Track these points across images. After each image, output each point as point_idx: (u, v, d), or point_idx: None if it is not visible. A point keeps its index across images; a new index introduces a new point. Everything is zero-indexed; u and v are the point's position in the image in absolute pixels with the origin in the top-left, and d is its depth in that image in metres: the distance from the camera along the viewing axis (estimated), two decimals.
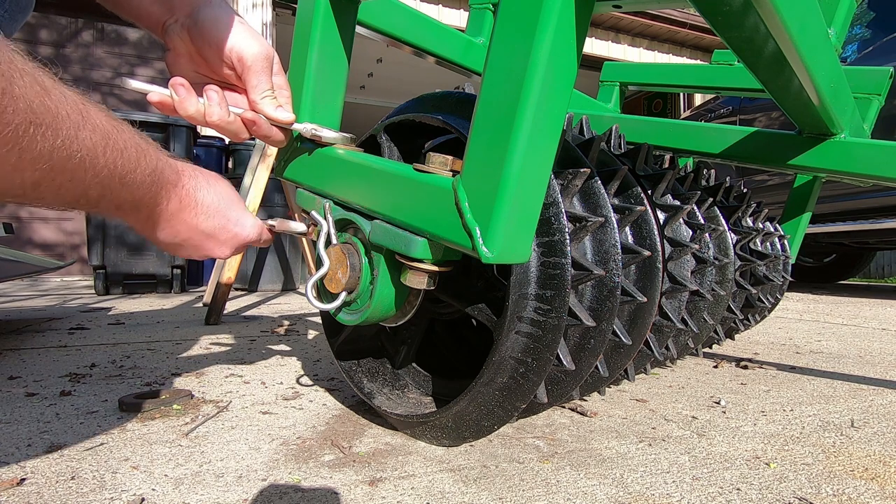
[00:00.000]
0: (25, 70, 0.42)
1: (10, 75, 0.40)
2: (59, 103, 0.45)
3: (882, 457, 0.70)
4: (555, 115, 0.50)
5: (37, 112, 0.43)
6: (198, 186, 0.65)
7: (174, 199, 0.62)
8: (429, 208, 0.56)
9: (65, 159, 0.47)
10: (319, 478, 0.63)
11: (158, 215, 0.62)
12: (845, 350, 1.50)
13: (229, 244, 0.69)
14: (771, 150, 1.06)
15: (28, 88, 0.42)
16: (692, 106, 6.73)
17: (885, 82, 1.13)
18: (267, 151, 2.08)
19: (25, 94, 0.41)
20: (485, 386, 0.65)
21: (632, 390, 1.04)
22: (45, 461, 0.67)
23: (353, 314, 0.69)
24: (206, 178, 0.67)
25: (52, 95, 0.45)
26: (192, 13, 0.67)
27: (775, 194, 3.37)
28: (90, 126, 0.49)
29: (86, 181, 0.50)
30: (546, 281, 0.61)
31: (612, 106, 1.54)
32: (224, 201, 0.67)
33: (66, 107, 0.46)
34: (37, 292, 3.44)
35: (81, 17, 4.73)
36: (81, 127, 0.48)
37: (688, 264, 0.95)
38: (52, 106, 0.44)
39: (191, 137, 3.50)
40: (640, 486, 0.61)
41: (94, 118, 0.50)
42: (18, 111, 0.41)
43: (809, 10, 0.63)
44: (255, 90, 0.69)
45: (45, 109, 0.43)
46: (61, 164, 0.47)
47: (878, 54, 2.86)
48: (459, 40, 1.16)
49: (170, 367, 1.20)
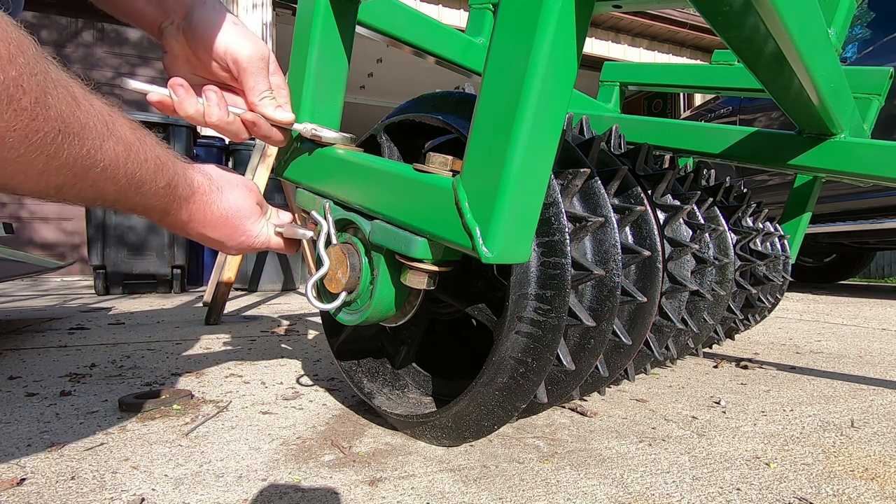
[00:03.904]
0: (59, 81, 0.44)
1: (45, 86, 0.41)
2: (87, 114, 0.47)
3: (882, 457, 0.70)
4: (555, 115, 0.50)
5: (66, 122, 0.44)
6: (209, 202, 0.67)
7: (184, 212, 0.65)
8: (429, 208, 0.56)
9: (88, 168, 0.49)
10: (319, 478, 0.63)
11: (170, 221, 0.65)
12: (845, 350, 1.50)
13: (235, 248, 0.73)
14: (771, 150, 1.06)
15: (60, 99, 0.43)
16: (692, 106, 6.72)
17: (885, 82, 1.13)
18: (267, 151, 2.08)
19: (57, 104, 0.43)
20: (485, 386, 0.65)
21: (632, 390, 1.04)
22: (45, 461, 0.67)
23: (353, 314, 0.69)
24: (221, 192, 0.68)
25: (81, 106, 0.46)
26: (186, 15, 0.66)
27: (775, 194, 3.37)
28: (115, 137, 0.51)
29: (105, 188, 0.52)
30: (546, 281, 0.61)
31: (612, 106, 1.54)
32: (234, 213, 0.69)
33: (93, 118, 0.48)
34: (37, 292, 3.44)
35: (82, 17, 4.73)
36: (106, 138, 0.50)
37: (688, 264, 0.95)
38: (81, 116, 0.46)
39: (191, 137, 3.50)
40: (640, 486, 0.61)
41: (119, 130, 0.52)
42: (49, 119, 0.42)
43: (809, 10, 0.63)
44: (253, 91, 0.69)
45: (74, 119, 0.45)
46: (84, 171, 0.49)
47: (878, 54, 2.86)
48: (459, 40, 1.16)
49: (170, 367, 1.20)
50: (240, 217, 0.70)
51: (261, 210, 0.74)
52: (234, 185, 0.71)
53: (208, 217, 0.67)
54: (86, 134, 0.47)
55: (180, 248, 3.37)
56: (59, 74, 0.45)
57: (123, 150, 0.52)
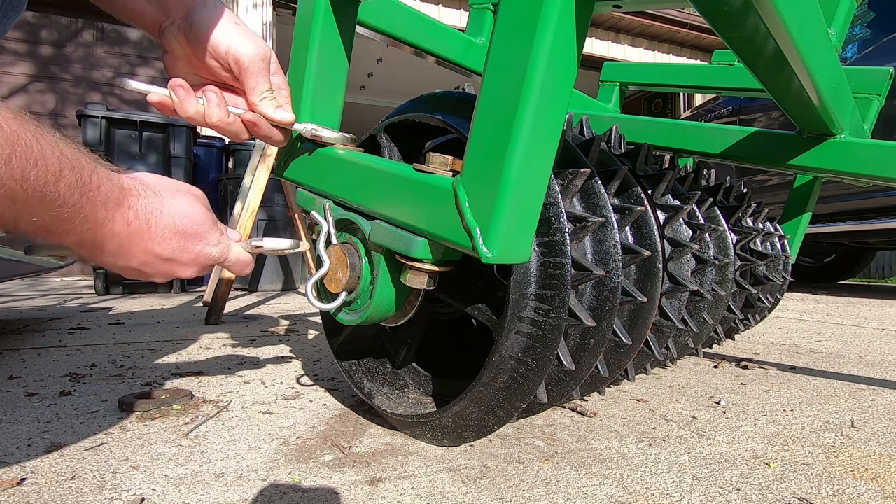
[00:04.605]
0: None
1: None
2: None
3: (882, 457, 0.70)
4: (555, 115, 0.50)
5: None
6: (150, 207, 0.57)
7: (119, 221, 0.54)
8: (429, 208, 0.56)
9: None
10: (319, 478, 0.63)
11: (103, 239, 0.54)
12: (845, 350, 1.50)
13: (192, 265, 0.62)
14: (771, 150, 1.06)
15: None
16: (692, 106, 6.72)
17: (885, 82, 1.13)
18: (267, 151, 2.08)
19: None
20: (485, 386, 0.65)
21: (632, 390, 1.04)
22: (45, 461, 0.67)
23: (353, 314, 0.69)
24: (163, 196, 0.59)
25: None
26: (186, 15, 0.66)
27: (775, 194, 3.37)
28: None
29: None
30: (546, 281, 0.61)
31: (612, 106, 1.54)
32: (184, 221, 0.59)
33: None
34: (37, 292, 3.44)
35: (82, 16, 4.73)
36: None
37: (688, 264, 0.95)
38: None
39: (191, 137, 3.50)
40: (640, 486, 0.61)
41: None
42: None
43: (809, 10, 0.63)
44: (254, 92, 0.69)
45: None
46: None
47: (878, 54, 2.86)
48: (459, 40, 1.16)
49: (170, 367, 1.21)
50: (190, 223, 0.60)
51: (214, 218, 0.64)
52: (176, 190, 0.61)
53: (153, 227, 0.57)
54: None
55: None
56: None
57: (3, 146, 0.42)
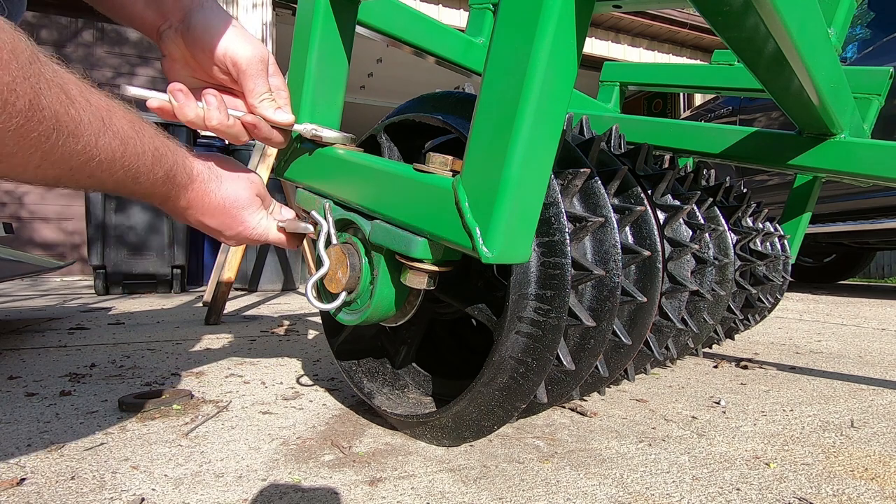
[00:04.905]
0: (53, 81, 0.46)
1: (38, 87, 0.43)
2: (81, 111, 0.49)
3: (882, 457, 0.70)
4: (555, 115, 0.50)
5: (60, 121, 0.46)
6: (207, 190, 0.69)
7: (182, 199, 0.67)
8: (429, 208, 0.56)
9: (84, 162, 0.51)
10: (319, 478, 0.63)
11: (170, 207, 0.68)
12: (845, 350, 1.50)
13: (235, 238, 0.74)
14: (771, 150, 1.06)
15: (54, 99, 0.45)
16: (692, 106, 6.72)
17: (885, 82, 1.13)
18: (267, 152, 2.08)
19: (51, 105, 0.45)
20: (485, 386, 0.65)
21: (632, 390, 1.04)
22: (45, 461, 0.67)
23: (353, 314, 0.69)
24: (222, 180, 0.70)
25: (76, 104, 0.48)
26: (184, 18, 0.66)
27: (775, 194, 3.37)
28: (111, 132, 0.53)
29: (103, 179, 0.55)
30: (546, 281, 0.61)
31: (612, 106, 1.54)
32: (232, 202, 0.71)
33: (88, 114, 0.50)
34: (37, 292, 3.44)
35: (82, 17, 4.73)
36: (102, 133, 0.52)
37: (688, 264, 0.95)
38: (76, 114, 0.48)
39: (190, 138, 3.50)
40: (640, 486, 0.61)
41: (117, 125, 0.54)
42: (44, 120, 0.44)
43: (809, 11, 0.63)
44: (253, 94, 0.69)
45: (68, 118, 0.47)
46: (80, 166, 0.51)
47: (878, 54, 2.86)
48: (459, 40, 1.16)
49: (170, 367, 1.21)
50: (237, 207, 0.71)
51: (261, 202, 0.75)
52: (235, 176, 0.72)
53: (206, 205, 0.69)
54: (80, 131, 0.49)
55: (180, 248, 3.37)
56: (55, 73, 0.46)
57: (120, 145, 0.54)
